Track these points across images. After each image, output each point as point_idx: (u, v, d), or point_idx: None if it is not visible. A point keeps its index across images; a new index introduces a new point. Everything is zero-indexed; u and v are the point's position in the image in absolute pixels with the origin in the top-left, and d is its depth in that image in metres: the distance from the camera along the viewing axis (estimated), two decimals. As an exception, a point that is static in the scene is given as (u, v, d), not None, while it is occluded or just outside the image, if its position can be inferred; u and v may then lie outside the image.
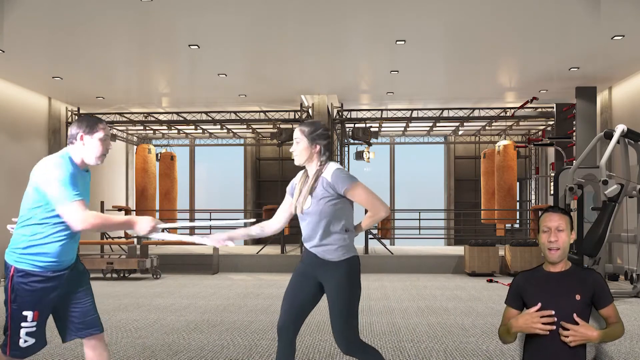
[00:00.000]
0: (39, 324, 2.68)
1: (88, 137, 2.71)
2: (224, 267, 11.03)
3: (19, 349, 2.65)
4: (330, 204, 2.79)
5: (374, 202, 2.80)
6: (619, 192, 6.91)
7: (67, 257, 2.72)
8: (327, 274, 2.81)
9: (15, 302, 2.61)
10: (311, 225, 2.84)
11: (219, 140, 16.38)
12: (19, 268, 2.62)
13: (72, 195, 2.56)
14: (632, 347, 4.76)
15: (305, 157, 2.91)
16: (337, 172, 2.80)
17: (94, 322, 2.83)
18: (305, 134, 2.90)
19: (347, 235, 2.83)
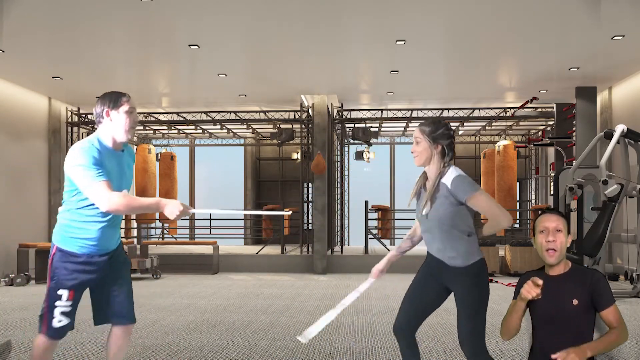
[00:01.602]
0: (73, 304, 2.76)
1: (114, 112, 2.71)
2: (224, 267, 11.03)
3: (52, 329, 2.73)
4: (451, 209, 2.67)
5: (494, 211, 2.63)
6: (619, 192, 6.91)
7: (106, 243, 2.78)
8: (454, 279, 2.72)
9: (53, 280, 2.73)
10: (432, 231, 2.75)
11: (219, 140, 16.39)
12: (60, 247, 2.73)
13: (95, 177, 2.57)
14: (633, 347, 4.76)
15: (426, 158, 2.76)
16: (459, 179, 2.66)
17: (125, 312, 2.90)
18: (427, 133, 2.75)
19: (470, 239, 2.71)
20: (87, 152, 2.60)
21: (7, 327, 5.64)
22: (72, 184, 2.66)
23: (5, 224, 10.11)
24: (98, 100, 2.76)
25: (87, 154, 2.60)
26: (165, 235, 14.75)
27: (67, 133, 12.25)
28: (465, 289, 2.68)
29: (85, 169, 2.57)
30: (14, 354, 4.53)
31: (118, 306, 2.88)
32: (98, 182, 2.57)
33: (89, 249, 2.73)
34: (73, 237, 2.71)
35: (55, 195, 11.64)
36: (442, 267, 2.74)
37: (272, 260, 11.19)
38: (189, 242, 13.17)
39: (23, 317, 6.19)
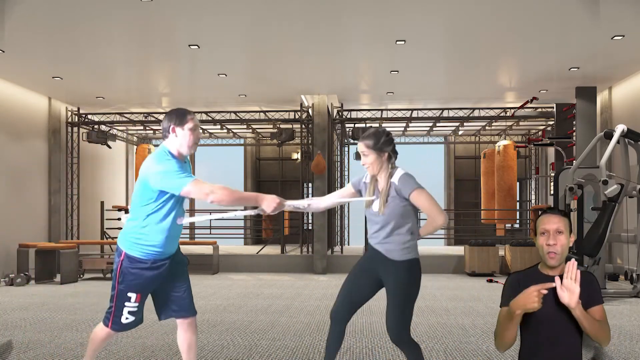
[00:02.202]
0: (140, 305, 3.03)
1: (179, 128, 2.91)
2: (224, 267, 11.03)
3: (119, 324, 3.00)
4: (398, 207, 2.96)
5: (433, 209, 2.92)
6: (619, 192, 6.91)
7: (169, 248, 3.00)
8: (389, 272, 2.99)
9: (122, 284, 2.95)
10: (379, 224, 3.01)
11: (219, 140, 16.38)
12: (129, 254, 2.94)
13: (187, 177, 2.79)
14: (632, 347, 4.75)
15: (377, 168, 3.05)
16: (404, 177, 2.98)
17: (186, 306, 3.13)
18: (371, 146, 3.02)
19: (411, 237, 3.00)
20: (166, 160, 2.83)
21: (7, 327, 5.64)
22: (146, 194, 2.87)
23: (5, 224, 10.11)
24: (165, 116, 2.96)
25: (167, 161, 2.83)
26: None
27: (67, 133, 12.24)
28: (397, 282, 2.96)
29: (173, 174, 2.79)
30: (14, 354, 4.53)
31: (180, 302, 3.11)
32: (192, 179, 2.79)
33: (154, 255, 2.95)
34: (140, 243, 2.92)
35: (55, 195, 11.64)
36: (380, 259, 3.02)
37: (272, 260, 11.19)
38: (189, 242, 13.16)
39: (23, 317, 6.19)
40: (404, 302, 2.95)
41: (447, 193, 16.49)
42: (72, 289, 8.48)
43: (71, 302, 7.19)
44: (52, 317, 6.18)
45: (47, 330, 5.44)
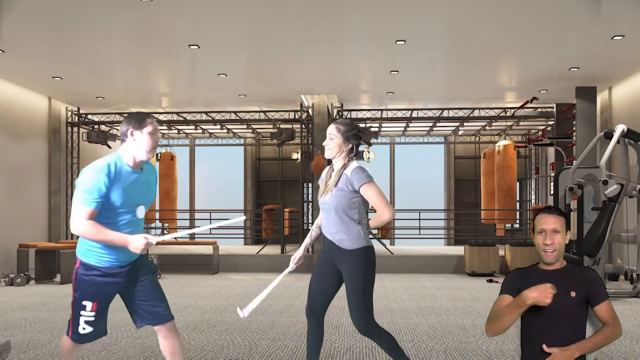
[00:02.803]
0: (98, 315, 2.90)
1: (138, 132, 2.83)
2: (224, 267, 11.03)
3: (78, 335, 2.89)
4: (347, 197, 3.05)
5: (380, 203, 2.99)
6: (619, 192, 6.91)
7: (125, 255, 2.87)
8: (344, 261, 3.09)
9: (77, 291, 2.88)
10: (329, 215, 3.11)
11: (219, 140, 16.38)
12: (83, 261, 2.87)
13: (85, 201, 2.70)
14: (632, 347, 4.75)
15: (336, 153, 3.13)
16: (357, 170, 3.05)
17: (158, 314, 2.99)
18: (341, 132, 3.13)
19: (360, 226, 3.08)
20: (96, 175, 2.71)
21: (7, 327, 5.64)
22: None
23: (5, 224, 10.11)
24: (123, 120, 2.88)
25: (96, 177, 2.71)
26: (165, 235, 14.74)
27: (67, 133, 12.25)
28: (352, 270, 3.06)
29: (82, 190, 2.71)
30: (14, 354, 4.53)
31: (150, 310, 2.98)
32: (84, 206, 2.70)
33: (109, 261, 2.85)
34: (92, 250, 2.84)
35: (55, 195, 11.64)
36: (334, 249, 3.12)
37: (272, 260, 11.19)
38: (189, 242, 13.17)
39: (23, 317, 6.19)
40: (362, 291, 3.04)
41: (447, 193, 16.49)
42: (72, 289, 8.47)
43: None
44: (52, 317, 6.18)
45: (47, 330, 5.44)
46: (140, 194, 2.91)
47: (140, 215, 2.93)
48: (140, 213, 2.93)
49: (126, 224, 2.84)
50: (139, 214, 2.92)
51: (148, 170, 3.00)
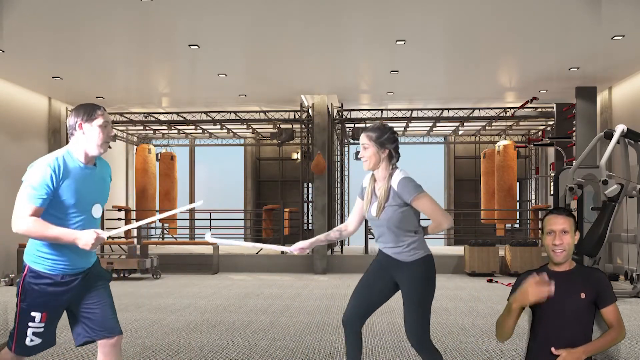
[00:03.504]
0: (47, 325, 2.62)
1: (87, 125, 2.59)
2: (224, 267, 11.03)
3: (24, 347, 2.60)
4: (398, 211, 2.86)
5: (437, 214, 2.85)
6: (619, 192, 6.91)
7: (79, 262, 2.63)
8: (402, 274, 2.90)
9: (24, 302, 2.58)
10: (382, 229, 2.94)
11: (219, 140, 16.38)
12: (32, 268, 2.59)
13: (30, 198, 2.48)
14: (632, 347, 4.76)
15: (375, 163, 2.94)
16: (404, 182, 2.86)
17: (109, 324, 2.70)
18: (374, 139, 2.92)
19: (417, 237, 2.92)
20: (40, 169, 2.49)
21: (7, 327, 5.63)
22: None
23: (6, 224, 10.08)
24: (72, 112, 2.63)
25: (39, 171, 2.49)
26: (165, 235, 14.75)
27: (67, 133, 12.25)
28: (410, 282, 2.87)
29: (29, 188, 2.49)
30: (14, 354, 4.53)
31: (97, 319, 2.68)
32: (28, 203, 2.48)
33: (61, 269, 2.58)
34: (43, 256, 2.57)
35: (55, 195, 11.63)
36: (391, 262, 2.94)
37: (272, 260, 11.19)
38: (189, 242, 13.17)
39: (23, 317, 6.18)
40: (420, 303, 2.86)
41: (447, 193, 16.49)
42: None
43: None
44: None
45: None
46: (94, 191, 2.65)
47: (97, 215, 2.67)
48: (96, 212, 2.67)
49: (81, 225, 2.58)
50: (95, 212, 2.66)
51: (101, 166, 2.76)
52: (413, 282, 2.86)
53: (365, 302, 3.01)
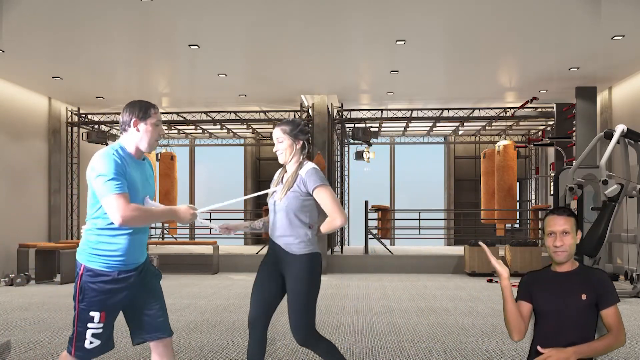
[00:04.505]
0: (106, 326, 2.60)
1: (142, 123, 2.66)
2: (224, 267, 11.03)
3: (83, 350, 2.58)
4: (299, 199, 2.93)
5: (333, 208, 2.91)
6: (619, 192, 6.91)
7: (134, 257, 2.65)
8: (288, 266, 2.94)
9: (83, 302, 2.57)
10: (279, 215, 2.97)
11: (219, 140, 16.38)
12: (88, 267, 2.58)
13: (113, 188, 2.47)
14: (632, 347, 4.76)
15: (290, 154, 3.04)
16: (311, 171, 2.95)
17: (161, 325, 2.74)
18: (288, 132, 3.03)
19: (310, 231, 2.96)
20: (109, 162, 2.51)
21: (7, 327, 5.64)
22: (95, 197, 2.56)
23: (5, 224, 10.11)
24: (126, 108, 2.68)
25: (110, 163, 2.51)
26: (165, 235, 14.75)
27: (67, 133, 12.25)
28: (296, 275, 2.91)
29: (103, 179, 2.48)
30: (14, 353, 4.53)
31: (153, 321, 2.72)
32: (114, 194, 2.47)
33: (117, 265, 2.59)
34: (99, 254, 2.57)
35: (55, 195, 11.64)
36: (280, 254, 2.97)
37: (272, 260, 11.18)
38: (189, 242, 13.17)
39: (23, 317, 6.19)
40: (305, 298, 2.91)
41: (447, 193, 16.49)
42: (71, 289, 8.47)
43: (71, 302, 7.18)
44: (52, 317, 6.18)
45: (47, 330, 5.44)
46: (144, 184, 2.71)
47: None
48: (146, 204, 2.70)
49: None
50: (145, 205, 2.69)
51: (147, 161, 2.82)
52: (298, 276, 2.91)
53: (262, 303, 3.02)
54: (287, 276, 2.95)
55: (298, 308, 2.90)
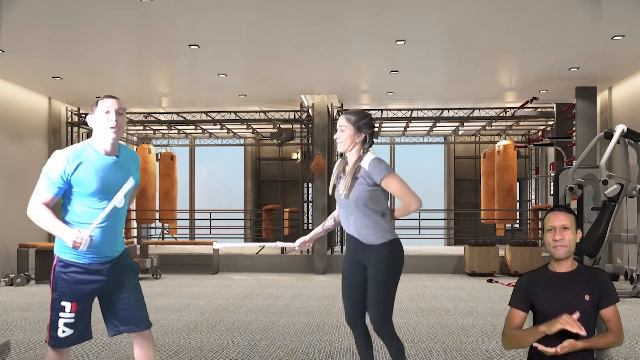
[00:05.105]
0: (78, 316, 2.66)
1: (91, 116, 2.68)
2: (224, 267, 11.03)
3: (57, 339, 2.67)
4: (367, 189, 2.89)
5: (406, 194, 2.86)
6: (619, 192, 6.90)
7: (106, 250, 2.68)
8: (368, 256, 2.93)
9: (55, 292, 2.65)
10: (349, 210, 2.95)
11: (219, 140, 16.38)
12: (60, 257, 2.64)
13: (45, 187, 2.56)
14: (632, 347, 4.76)
15: (349, 145, 2.97)
16: (375, 162, 2.90)
17: (136, 319, 2.77)
18: (352, 122, 2.97)
19: (384, 219, 2.93)
20: (59, 161, 2.56)
21: (7, 327, 5.64)
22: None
23: (5, 224, 10.11)
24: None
25: (58, 162, 2.56)
26: (165, 235, 14.75)
27: (67, 133, 12.25)
28: (377, 265, 2.90)
29: (45, 177, 2.57)
30: (14, 353, 4.53)
31: (128, 313, 2.76)
32: (41, 192, 2.57)
33: (88, 257, 2.63)
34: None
35: (55, 195, 11.63)
36: (358, 246, 2.97)
37: (272, 260, 11.19)
38: (189, 242, 13.17)
39: (23, 317, 6.19)
40: (384, 286, 2.90)
41: (447, 193, 16.49)
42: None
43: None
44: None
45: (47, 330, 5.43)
46: (118, 180, 2.66)
47: (119, 204, 2.65)
48: (119, 201, 2.65)
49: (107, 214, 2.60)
50: (118, 202, 2.65)
51: (127, 156, 2.78)
52: (379, 265, 2.89)
53: (353, 301, 3.05)
54: (368, 266, 2.95)
55: (376, 297, 2.90)
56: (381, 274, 2.89)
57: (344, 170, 3.02)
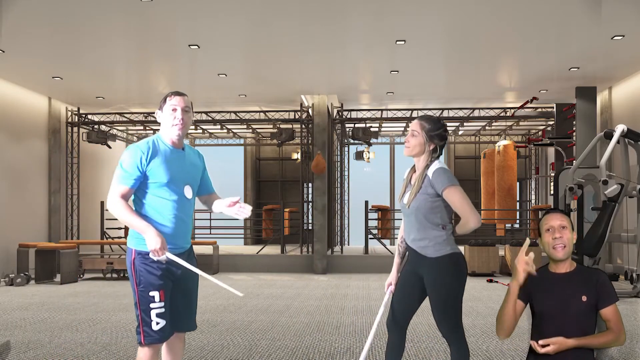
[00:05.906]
0: (166, 305, 2.66)
1: (159, 111, 2.76)
2: (224, 267, 11.03)
3: (152, 334, 2.64)
4: (429, 200, 2.76)
5: (465, 209, 2.70)
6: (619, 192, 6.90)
7: (179, 240, 2.74)
8: (426, 269, 2.80)
9: (140, 285, 2.63)
10: (410, 219, 2.85)
11: (219, 140, 16.38)
12: (139, 250, 2.65)
13: (121, 178, 2.61)
14: (632, 347, 4.76)
15: (417, 152, 2.85)
16: (439, 171, 2.75)
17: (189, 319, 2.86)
18: (425, 129, 2.82)
19: (444, 232, 2.79)
20: (134, 153, 2.63)
21: (7, 327, 5.64)
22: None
23: (5, 224, 10.11)
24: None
25: (130, 152, 2.63)
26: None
27: (67, 133, 12.24)
28: (434, 280, 2.77)
29: (121, 170, 2.62)
30: (13, 353, 4.53)
31: (182, 314, 2.80)
32: (119, 184, 2.61)
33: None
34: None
35: (55, 195, 11.64)
36: (417, 258, 2.84)
37: (272, 260, 11.19)
38: (189, 242, 13.15)
39: (23, 317, 6.19)
40: (445, 301, 2.76)
41: (447, 193, 16.47)
42: (72, 289, 8.48)
43: (71, 302, 7.19)
44: (52, 317, 6.18)
45: (47, 330, 5.44)
46: (185, 173, 2.76)
47: (188, 195, 2.76)
48: (188, 193, 2.76)
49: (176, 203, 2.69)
50: (187, 193, 2.75)
51: (192, 151, 2.91)
52: (437, 281, 2.76)
53: (402, 308, 2.97)
54: (426, 280, 2.82)
55: (440, 309, 2.78)
56: (439, 288, 2.77)
57: (411, 179, 2.92)
